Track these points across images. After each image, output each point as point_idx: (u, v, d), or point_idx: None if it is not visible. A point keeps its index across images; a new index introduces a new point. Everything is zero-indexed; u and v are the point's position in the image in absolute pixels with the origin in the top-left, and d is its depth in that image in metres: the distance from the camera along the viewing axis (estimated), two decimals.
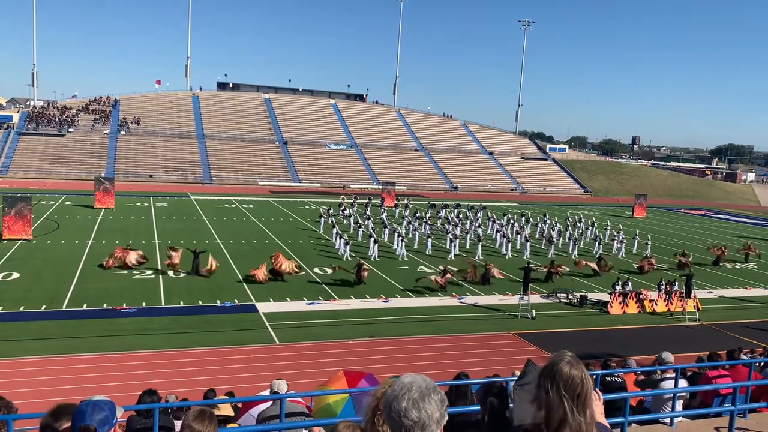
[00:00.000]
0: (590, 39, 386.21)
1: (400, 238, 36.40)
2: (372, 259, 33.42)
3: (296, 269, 28.79)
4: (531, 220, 50.05)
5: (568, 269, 33.16)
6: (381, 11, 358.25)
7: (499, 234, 41.45)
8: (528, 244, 38.79)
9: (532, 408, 2.48)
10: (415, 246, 37.70)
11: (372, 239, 35.60)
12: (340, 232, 37.39)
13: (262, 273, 27.51)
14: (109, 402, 3.14)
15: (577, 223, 48.89)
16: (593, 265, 33.43)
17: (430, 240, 37.73)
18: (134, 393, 8.53)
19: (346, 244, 34.53)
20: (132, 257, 28.91)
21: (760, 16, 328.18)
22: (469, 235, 40.90)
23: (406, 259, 34.63)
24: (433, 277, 28.11)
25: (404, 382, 2.17)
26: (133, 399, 8.08)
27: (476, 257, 35.32)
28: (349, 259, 32.57)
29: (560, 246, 40.53)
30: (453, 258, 35.34)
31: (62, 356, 17.88)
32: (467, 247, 38.53)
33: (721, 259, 38.29)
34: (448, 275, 28.28)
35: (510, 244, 38.34)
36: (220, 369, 17.51)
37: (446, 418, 2.18)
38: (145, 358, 18.09)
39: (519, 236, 41.12)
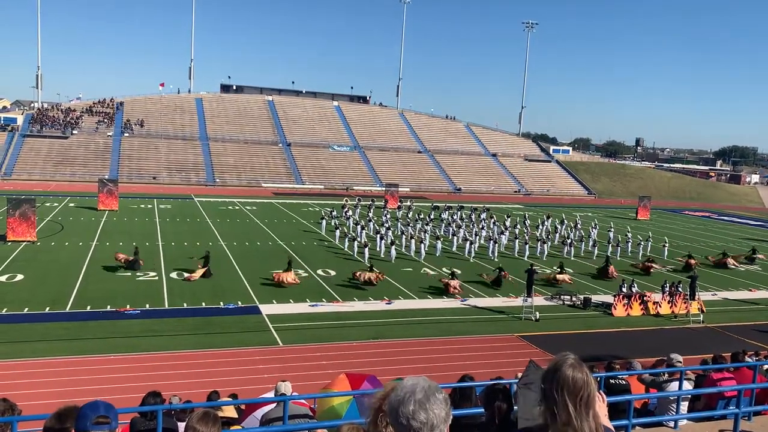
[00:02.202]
0: (593, 40, 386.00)
1: (416, 240, 36.83)
2: (391, 262, 33.72)
3: (296, 279, 27.96)
4: (529, 221, 50.01)
5: (572, 270, 33.00)
6: (384, 13, 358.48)
7: (503, 236, 41.44)
8: (546, 246, 38.79)
9: (537, 409, 2.48)
10: (426, 248, 37.58)
11: (382, 239, 35.72)
12: (351, 235, 37.46)
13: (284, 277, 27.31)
14: (110, 405, 3.15)
15: (578, 224, 48.74)
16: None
17: (439, 242, 37.71)
18: (138, 395, 8.54)
19: (365, 246, 34.56)
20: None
21: (764, 17, 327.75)
22: (477, 236, 40.85)
23: (422, 260, 34.74)
24: (445, 281, 27.97)
25: (407, 385, 2.18)
26: (137, 401, 8.10)
27: (493, 257, 35.67)
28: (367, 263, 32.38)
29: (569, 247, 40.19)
30: (471, 261, 35.33)
31: (66, 358, 17.91)
32: (476, 248, 38.28)
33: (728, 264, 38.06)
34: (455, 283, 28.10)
35: (527, 246, 38.32)
36: (224, 371, 17.51)
37: (451, 416, 2.19)
38: (149, 359, 18.11)
39: (524, 236, 41.10)
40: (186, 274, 27.85)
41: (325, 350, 19.66)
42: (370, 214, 48.34)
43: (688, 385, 9.20)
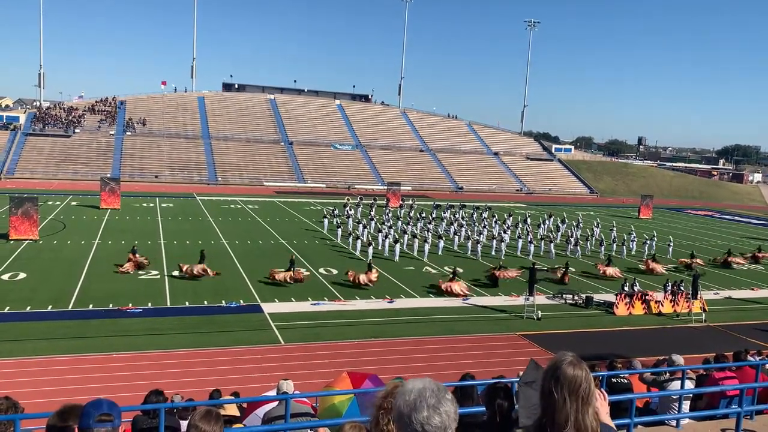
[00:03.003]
0: (596, 39, 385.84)
1: (420, 239, 36.98)
2: (394, 261, 33.85)
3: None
4: (530, 219, 49.90)
5: (573, 269, 32.98)
6: (386, 12, 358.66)
7: (506, 235, 41.40)
8: (552, 245, 38.72)
9: (537, 408, 2.49)
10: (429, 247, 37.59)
11: (385, 239, 35.74)
12: (355, 234, 37.51)
13: (282, 276, 27.38)
14: (113, 403, 3.16)
15: (579, 223, 48.64)
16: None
17: (441, 241, 37.71)
18: (140, 393, 8.57)
19: (369, 244, 34.61)
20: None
21: (765, 15, 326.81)
22: (481, 236, 40.83)
23: (426, 260, 34.76)
24: (444, 285, 27.77)
25: (415, 389, 2.16)
26: (139, 399, 8.12)
27: (497, 256, 35.84)
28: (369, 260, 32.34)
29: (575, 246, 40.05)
30: (479, 260, 35.35)
31: (68, 356, 17.94)
32: (480, 247, 38.22)
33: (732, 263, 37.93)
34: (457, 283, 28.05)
35: (532, 245, 38.22)
36: (226, 369, 17.54)
37: (458, 414, 2.20)
38: (151, 358, 18.14)
39: (528, 235, 41.06)
40: (211, 273, 27.74)
41: (327, 349, 19.68)
42: (372, 213, 48.32)
43: (689, 384, 9.20)
